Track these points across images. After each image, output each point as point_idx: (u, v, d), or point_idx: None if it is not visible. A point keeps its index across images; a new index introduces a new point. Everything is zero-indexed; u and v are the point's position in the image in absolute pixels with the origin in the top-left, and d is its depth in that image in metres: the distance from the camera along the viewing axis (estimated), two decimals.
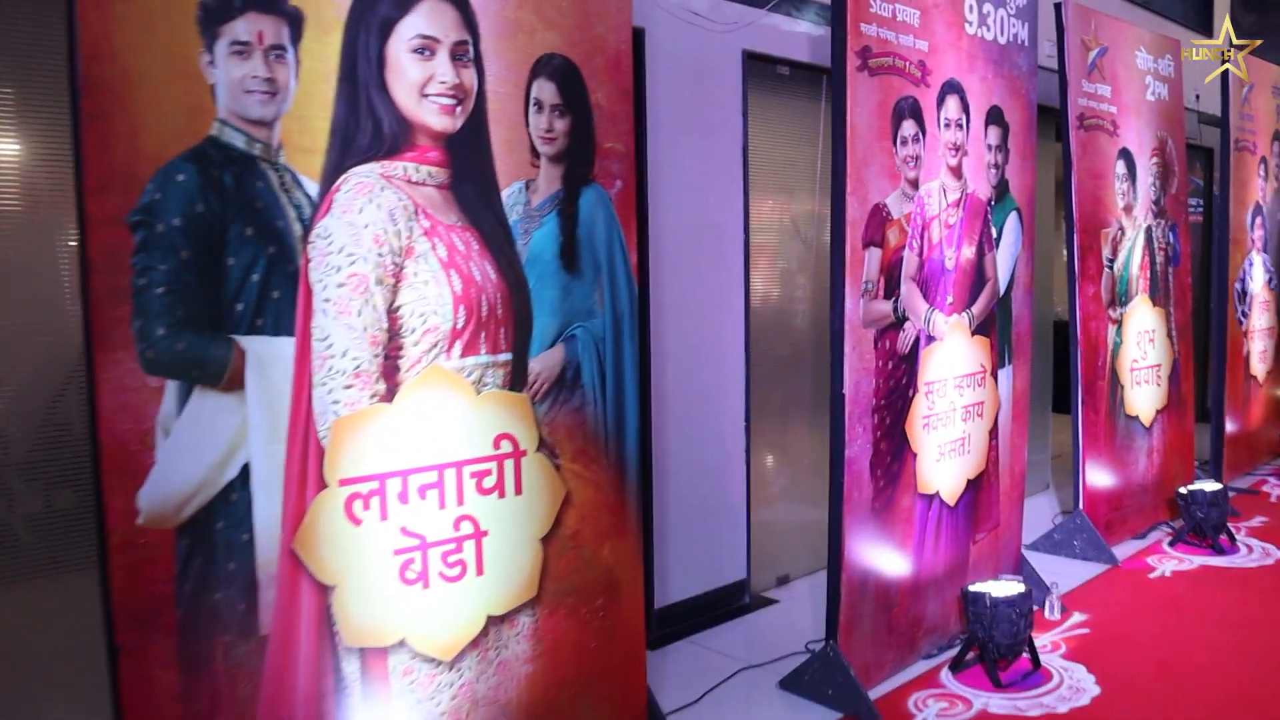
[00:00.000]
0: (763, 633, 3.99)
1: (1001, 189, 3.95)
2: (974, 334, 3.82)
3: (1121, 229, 5.11)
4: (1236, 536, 5.09)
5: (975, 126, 3.77)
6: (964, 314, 3.76)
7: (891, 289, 3.41)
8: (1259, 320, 6.63)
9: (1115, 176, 5.08)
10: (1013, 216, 4.02)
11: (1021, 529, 4.35)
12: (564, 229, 2.64)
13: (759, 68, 4.27)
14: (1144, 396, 5.31)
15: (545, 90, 2.59)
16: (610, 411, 2.77)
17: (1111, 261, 5.04)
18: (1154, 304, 5.38)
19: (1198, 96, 7.65)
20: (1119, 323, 5.10)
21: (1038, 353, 5.75)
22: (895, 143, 3.37)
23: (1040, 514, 5.52)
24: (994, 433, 4.02)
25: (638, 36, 3.79)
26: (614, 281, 2.76)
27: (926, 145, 3.50)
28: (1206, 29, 8.22)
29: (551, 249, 2.62)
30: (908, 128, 3.42)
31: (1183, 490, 5.05)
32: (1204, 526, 4.97)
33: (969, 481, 3.88)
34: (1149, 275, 5.33)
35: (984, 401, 3.92)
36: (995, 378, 3.99)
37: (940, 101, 3.57)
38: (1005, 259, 3.99)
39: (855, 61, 3.18)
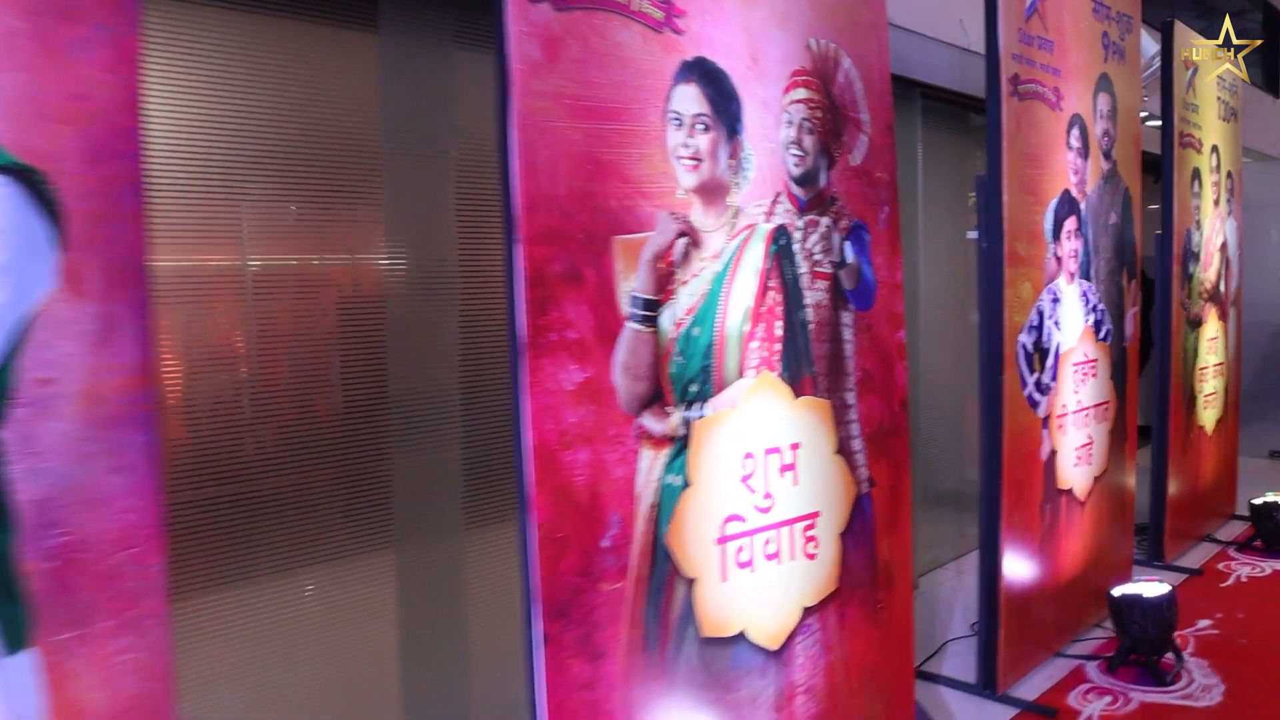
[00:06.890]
0: None
1: None
2: None
3: (687, 235, 2.34)
4: None
5: None
6: None
7: None
8: (1074, 395, 3.88)
9: (669, 120, 2.31)
10: None
11: None
12: None
13: None
14: (763, 591, 2.52)
15: None
16: None
17: (654, 306, 2.26)
18: (796, 392, 2.61)
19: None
20: (682, 441, 2.33)
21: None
22: None
23: None
24: None
25: None
26: None
27: None
28: None
29: None
30: None
31: None
32: None
33: None
34: (784, 335, 2.56)
35: None
36: None
37: None
38: None
39: None
